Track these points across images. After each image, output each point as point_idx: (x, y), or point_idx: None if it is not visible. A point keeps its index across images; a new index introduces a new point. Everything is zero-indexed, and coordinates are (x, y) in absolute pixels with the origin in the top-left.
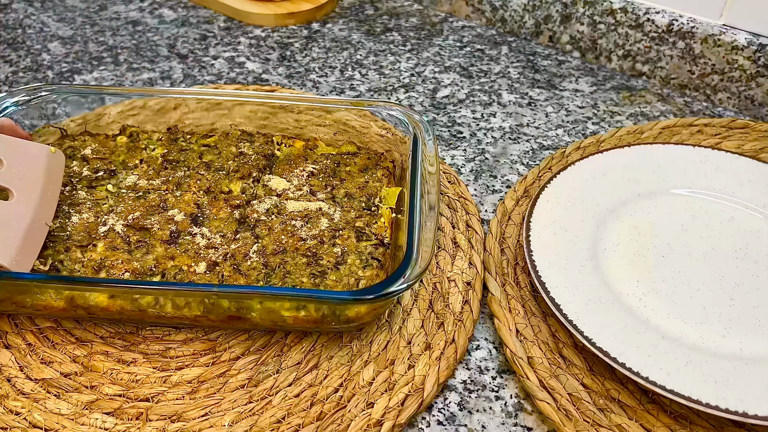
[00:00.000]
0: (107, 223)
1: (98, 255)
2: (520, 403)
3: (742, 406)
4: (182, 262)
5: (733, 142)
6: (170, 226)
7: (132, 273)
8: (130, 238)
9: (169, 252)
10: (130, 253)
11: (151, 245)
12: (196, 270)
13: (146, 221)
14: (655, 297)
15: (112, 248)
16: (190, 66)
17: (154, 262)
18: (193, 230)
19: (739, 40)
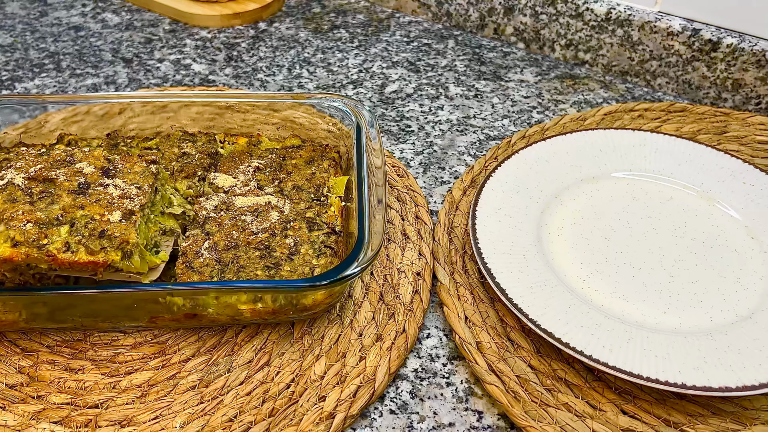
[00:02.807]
0: (4, 177)
1: None
2: (470, 387)
3: (681, 378)
4: (94, 211)
5: (672, 125)
6: (78, 178)
7: (35, 223)
8: (32, 189)
9: (77, 201)
10: (32, 204)
11: (57, 195)
12: (110, 219)
13: (50, 173)
14: (599, 277)
15: (11, 200)
16: (135, 70)
17: (60, 212)
18: (104, 182)
19: (673, 26)
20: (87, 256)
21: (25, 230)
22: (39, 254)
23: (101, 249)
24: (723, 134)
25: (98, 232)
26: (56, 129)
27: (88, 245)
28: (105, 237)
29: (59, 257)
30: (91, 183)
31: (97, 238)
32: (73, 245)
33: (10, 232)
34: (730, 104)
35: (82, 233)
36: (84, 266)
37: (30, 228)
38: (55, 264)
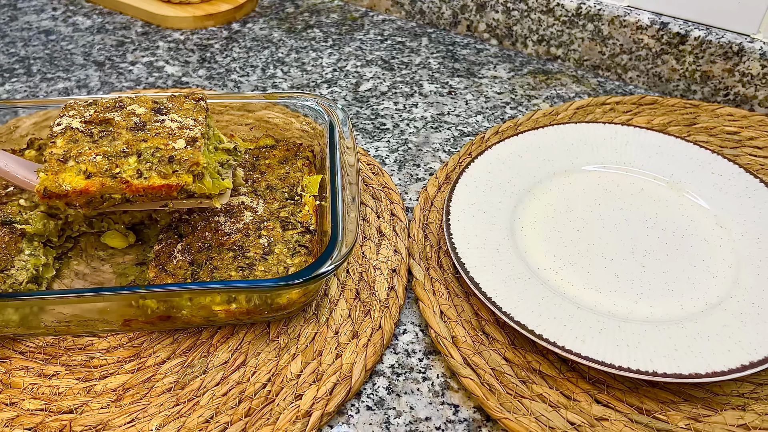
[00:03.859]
0: (61, 123)
1: (60, 149)
2: (446, 381)
3: (652, 366)
4: (157, 142)
5: (643, 117)
6: (133, 118)
7: (104, 156)
8: (92, 130)
9: (138, 136)
10: (95, 143)
11: (117, 133)
12: (174, 147)
13: (106, 116)
14: (571, 269)
15: (73, 141)
16: (107, 73)
17: (124, 146)
18: (159, 118)
19: (642, 20)
20: (160, 180)
21: (96, 162)
22: (113, 182)
23: (173, 173)
24: (693, 126)
25: (167, 158)
26: (27, 134)
27: (160, 170)
28: (174, 162)
29: (133, 183)
30: (146, 121)
31: (167, 164)
32: (145, 172)
33: (81, 165)
34: (699, 96)
35: (150, 161)
36: (158, 190)
37: (100, 160)
38: (129, 192)
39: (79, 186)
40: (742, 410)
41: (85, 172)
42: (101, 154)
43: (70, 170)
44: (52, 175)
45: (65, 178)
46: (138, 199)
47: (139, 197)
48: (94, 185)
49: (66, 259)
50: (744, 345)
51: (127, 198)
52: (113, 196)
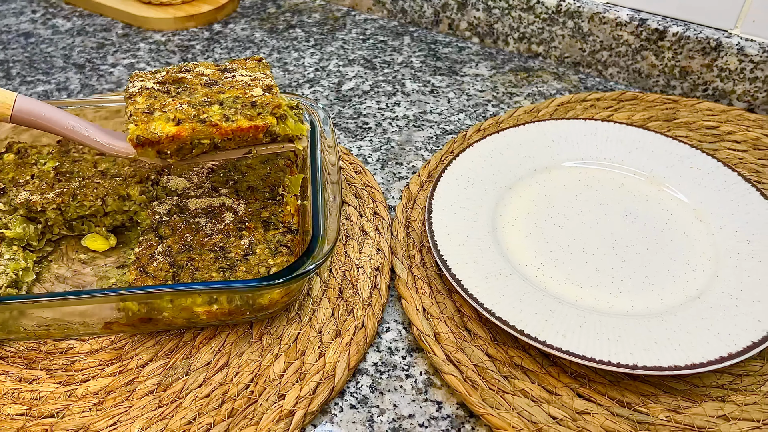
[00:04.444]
0: (136, 85)
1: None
2: (429, 378)
3: (632, 359)
4: (234, 92)
5: (624, 113)
6: (203, 77)
7: (188, 105)
8: (168, 88)
9: (214, 89)
10: (174, 97)
11: (192, 89)
12: (252, 94)
13: (177, 76)
14: (552, 265)
15: (152, 98)
16: (88, 75)
17: (204, 97)
18: (228, 75)
19: (621, 16)
20: (247, 122)
21: (183, 110)
22: (203, 127)
23: (258, 115)
24: (672, 121)
25: (249, 103)
26: (6, 138)
27: (245, 113)
28: (257, 106)
29: (222, 126)
30: (217, 79)
31: (251, 108)
32: (231, 116)
33: (168, 114)
34: (678, 91)
35: (234, 107)
36: (246, 132)
37: (186, 108)
38: (218, 135)
39: (171, 132)
40: (722, 401)
41: (174, 119)
42: (186, 104)
43: (159, 119)
44: (142, 124)
45: (156, 126)
46: (225, 144)
47: (227, 141)
48: (186, 130)
49: (46, 262)
50: (723, 337)
51: (216, 144)
52: (202, 141)
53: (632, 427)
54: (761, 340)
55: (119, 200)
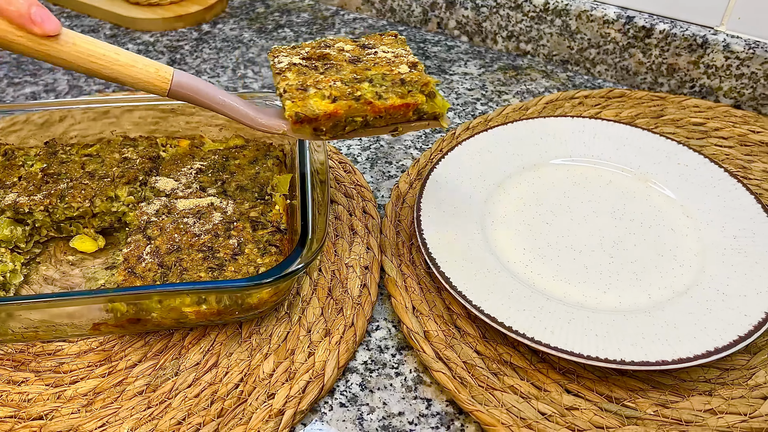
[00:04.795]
0: (282, 61)
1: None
2: (419, 376)
3: (620, 355)
4: (381, 69)
5: (612, 110)
6: (345, 54)
7: (342, 82)
8: (315, 64)
9: (360, 66)
10: (323, 74)
11: (339, 66)
12: (399, 71)
13: (321, 52)
14: (541, 262)
15: (302, 74)
16: (76, 77)
17: (352, 74)
18: (369, 52)
19: (608, 14)
20: (399, 100)
21: (337, 87)
22: (358, 104)
23: (408, 93)
24: (660, 117)
25: (398, 80)
26: None
27: (396, 90)
28: (406, 84)
29: (376, 104)
30: (359, 55)
31: (400, 85)
32: (383, 94)
33: (323, 91)
34: (666, 88)
35: (383, 84)
36: (398, 110)
37: (340, 86)
38: (371, 112)
39: (329, 109)
40: (709, 395)
41: (330, 97)
42: (338, 81)
43: (314, 96)
44: (299, 101)
45: (313, 103)
46: (376, 122)
47: (378, 119)
48: (342, 107)
49: (34, 264)
50: (709, 331)
51: (367, 121)
52: (355, 119)
53: (620, 421)
54: (747, 334)
55: (107, 201)
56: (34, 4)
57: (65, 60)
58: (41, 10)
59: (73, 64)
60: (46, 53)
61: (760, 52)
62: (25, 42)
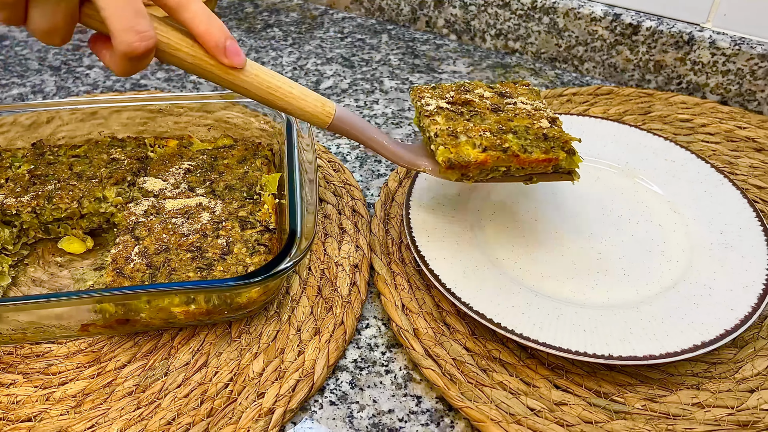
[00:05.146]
0: (430, 104)
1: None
2: (409, 374)
3: (608, 350)
4: (523, 122)
5: (600, 107)
6: (485, 101)
7: (490, 132)
8: (461, 110)
9: (502, 116)
10: (469, 120)
11: (482, 113)
12: (541, 126)
13: (464, 97)
14: (529, 258)
15: (451, 119)
16: (63, 77)
17: (497, 124)
18: (508, 101)
19: (596, 11)
20: (543, 155)
21: (486, 137)
22: (505, 156)
23: (551, 148)
24: (647, 114)
25: (541, 135)
26: None
27: (540, 145)
28: (549, 139)
29: (522, 157)
30: (498, 104)
31: (543, 140)
32: (528, 147)
33: (474, 140)
34: (653, 85)
35: (527, 137)
36: (539, 164)
37: (489, 136)
38: (516, 163)
39: (480, 158)
40: (697, 389)
41: (480, 146)
42: (486, 131)
43: (466, 144)
44: (452, 148)
45: (465, 151)
46: (516, 172)
47: (519, 170)
48: (492, 158)
49: (22, 266)
50: (696, 326)
51: (509, 170)
52: (500, 168)
53: (609, 416)
54: (734, 328)
55: (95, 202)
56: (228, 38)
57: (246, 89)
58: (233, 44)
59: (252, 93)
60: (231, 82)
61: (746, 48)
62: (214, 70)
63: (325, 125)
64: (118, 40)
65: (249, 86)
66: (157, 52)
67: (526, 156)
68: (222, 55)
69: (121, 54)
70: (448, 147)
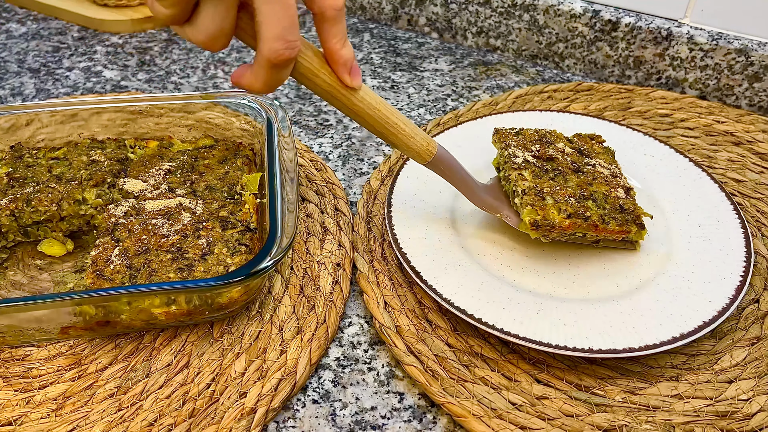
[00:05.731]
0: (517, 155)
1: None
2: (391, 371)
3: (588, 343)
4: (601, 189)
5: (580, 104)
6: (566, 157)
7: (574, 198)
8: (546, 167)
9: (582, 179)
10: (553, 180)
11: (564, 173)
12: (617, 195)
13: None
14: (510, 254)
15: (537, 176)
16: (43, 80)
17: (579, 189)
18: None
19: (575, 8)
20: (618, 228)
21: (571, 204)
22: (585, 224)
23: (625, 221)
24: (627, 110)
25: (618, 206)
26: None
27: (616, 217)
28: (625, 212)
29: (600, 227)
30: (578, 162)
31: (620, 212)
32: (606, 218)
33: (560, 205)
34: (633, 81)
35: (605, 206)
36: (612, 234)
37: (573, 202)
38: (592, 232)
39: (564, 224)
40: (676, 381)
41: (565, 212)
42: (571, 196)
43: (552, 207)
44: (539, 210)
45: (551, 215)
46: (590, 238)
47: (593, 236)
48: (573, 225)
49: (2, 269)
50: (675, 318)
51: (584, 236)
52: (577, 233)
53: (589, 409)
54: (712, 319)
55: (75, 204)
56: (354, 59)
57: (365, 120)
58: (357, 66)
59: (369, 124)
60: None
61: (723, 43)
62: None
63: (423, 162)
64: (267, 46)
65: (369, 119)
66: (297, 74)
67: (603, 226)
68: (346, 73)
69: (266, 60)
70: (535, 208)
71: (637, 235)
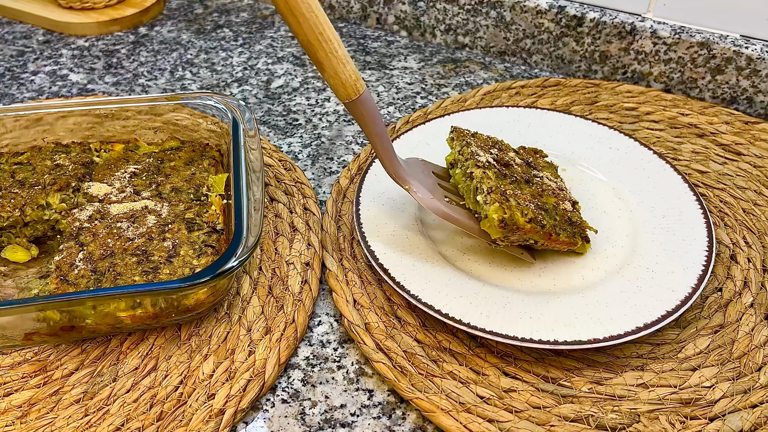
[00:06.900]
0: (480, 155)
1: (494, 182)
2: (361, 368)
3: (554, 336)
4: (550, 200)
5: (547, 99)
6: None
7: (534, 205)
8: (505, 172)
9: (533, 189)
10: (512, 184)
11: (519, 181)
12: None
13: (504, 158)
14: (477, 249)
15: (499, 177)
16: (7, 84)
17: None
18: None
19: (541, 4)
20: (567, 239)
21: (532, 210)
22: (540, 232)
23: (573, 234)
24: (594, 104)
25: (567, 218)
26: None
27: (566, 229)
28: (573, 224)
29: (553, 237)
30: (527, 174)
31: (569, 225)
32: (557, 229)
33: (523, 209)
34: (600, 75)
35: (555, 219)
36: (560, 245)
37: (533, 208)
38: (545, 240)
39: (526, 228)
40: (641, 370)
41: (527, 216)
42: (531, 203)
43: (516, 209)
44: (507, 209)
45: (515, 217)
46: (539, 245)
47: (542, 244)
48: (532, 230)
49: None
50: (639, 308)
51: (536, 242)
52: (532, 239)
53: (556, 401)
54: (674, 309)
55: (38, 209)
56: None
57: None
58: None
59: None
60: None
61: (686, 36)
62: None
63: (347, 98)
64: None
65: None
66: None
67: (555, 237)
68: None
69: None
70: (503, 207)
71: (581, 248)
